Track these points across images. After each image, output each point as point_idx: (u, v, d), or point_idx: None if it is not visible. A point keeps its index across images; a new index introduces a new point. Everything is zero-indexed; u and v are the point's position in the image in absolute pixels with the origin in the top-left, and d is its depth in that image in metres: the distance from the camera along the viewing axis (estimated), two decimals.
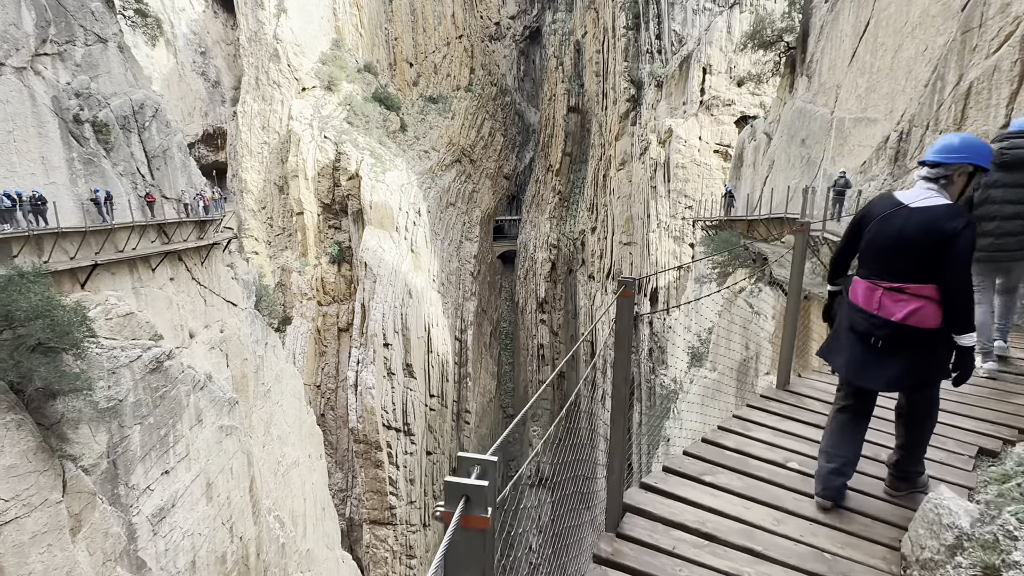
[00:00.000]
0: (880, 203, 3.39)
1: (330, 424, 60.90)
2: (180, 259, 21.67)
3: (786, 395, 5.06)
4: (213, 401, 21.71)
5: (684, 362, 27.53)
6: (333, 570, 35.96)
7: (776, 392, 5.13)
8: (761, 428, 4.37)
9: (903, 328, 3.15)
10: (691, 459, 3.98)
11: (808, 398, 5.03)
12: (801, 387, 5.28)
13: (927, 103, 8.88)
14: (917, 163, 5.25)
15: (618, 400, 3.37)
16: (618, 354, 3.35)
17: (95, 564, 15.75)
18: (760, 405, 4.84)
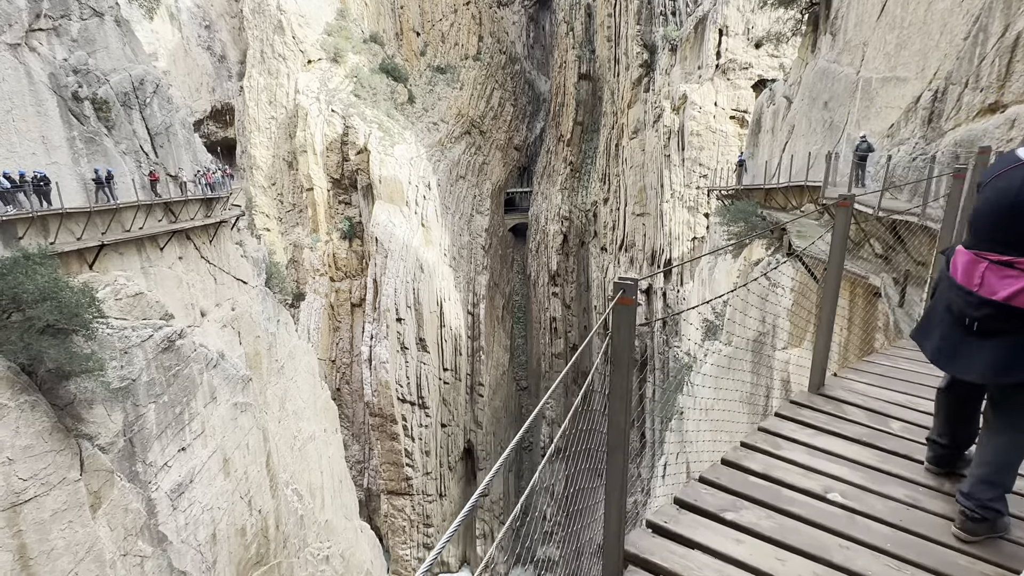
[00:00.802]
0: (999, 160, 2.84)
1: (346, 398, 61.80)
2: (188, 238, 21.56)
3: (821, 401, 4.31)
4: (227, 379, 21.88)
5: (698, 335, 27.14)
6: (352, 540, 36.81)
7: (809, 397, 4.36)
8: (793, 446, 3.64)
9: (1007, 309, 2.61)
10: (708, 489, 3.23)
11: (848, 405, 4.26)
12: (838, 390, 4.51)
13: (966, 58, 8.19)
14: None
15: (616, 434, 2.76)
16: (615, 378, 2.65)
17: (116, 539, 16.11)
18: (790, 414, 4.06)
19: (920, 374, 4.76)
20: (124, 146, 18.63)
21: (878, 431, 3.80)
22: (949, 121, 8.20)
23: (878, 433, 3.78)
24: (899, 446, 3.60)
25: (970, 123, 7.61)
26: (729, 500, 3.12)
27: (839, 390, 4.51)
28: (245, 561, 22.52)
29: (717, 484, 3.25)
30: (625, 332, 2.56)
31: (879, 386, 4.54)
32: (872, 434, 3.76)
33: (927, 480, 3.25)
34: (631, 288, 2.51)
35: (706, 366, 22.03)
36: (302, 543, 28.58)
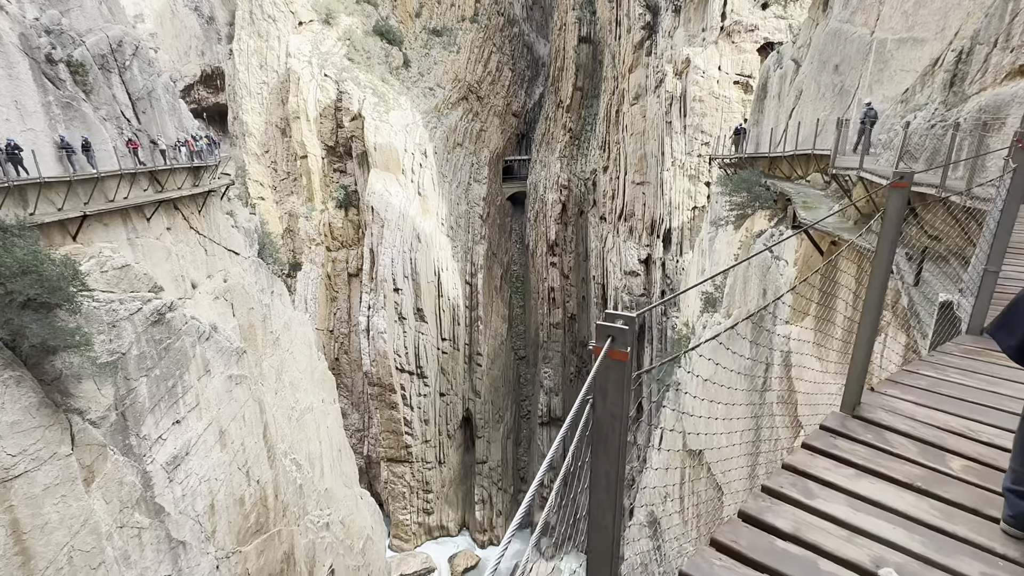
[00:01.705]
0: None
1: (344, 368, 62.01)
2: (176, 208, 20.99)
3: (860, 427, 3.42)
4: (220, 351, 21.65)
5: (697, 307, 26.87)
6: (352, 506, 37.35)
7: (844, 421, 3.50)
8: (830, 493, 2.81)
9: None
10: (724, 560, 2.43)
11: (894, 433, 3.34)
12: (879, 411, 3.61)
13: (996, 14, 7.59)
14: None
15: (600, 541, 2.11)
16: (599, 465, 1.98)
17: (112, 512, 16.12)
18: (823, 446, 3.21)
19: (981, 390, 3.89)
20: (104, 112, 17.88)
21: (935, 472, 2.98)
22: (974, 85, 7.65)
23: (936, 475, 2.94)
24: (965, 495, 2.78)
25: (998, 87, 7.09)
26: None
27: (880, 411, 3.62)
28: (244, 530, 22.74)
29: (735, 551, 2.45)
30: (614, 399, 1.92)
31: (929, 406, 3.69)
32: (928, 477, 2.93)
33: (1007, 548, 2.42)
34: (624, 336, 1.81)
35: (704, 338, 21.86)
36: (302, 511, 28.92)
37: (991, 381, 4.05)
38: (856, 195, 10.95)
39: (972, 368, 4.29)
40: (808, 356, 11.94)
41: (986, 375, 4.16)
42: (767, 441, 15.14)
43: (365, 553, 37.27)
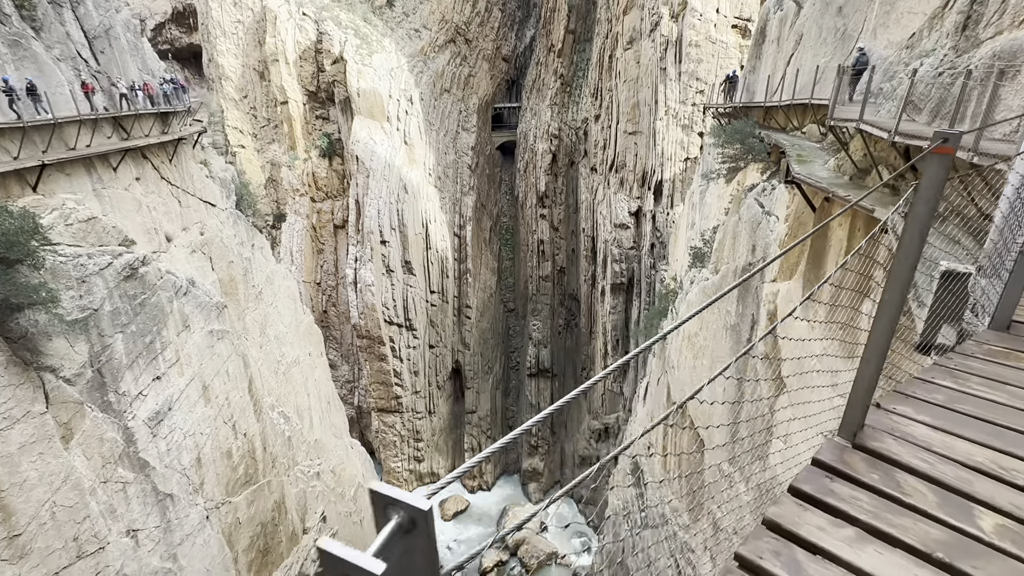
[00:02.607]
0: None
1: (333, 320, 61.86)
2: (144, 157, 19.98)
3: (863, 464, 2.63)
4: (199, 306, 21.18)
5: (685, 261, 26.60)
6: (342, 456, 38.01)
7: (843, 455, 2.70)
8: (823, 569, 2.11)
9: None
10: None
11: (909, 473, 2.58)
12: (888, 439, 2.83)
13: None
14: None
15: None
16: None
17: (94, 468, 16.05)
18: (814, 491, 2.46)
19: (1012, 408, 3.12)
20: (57, 51, 16.61)
21: (961, 534, 2.22)
22: (989, 28, 7.05)
23: (962, 540, 2.19)
24: (1003, 573, 2.05)
25: (1016, 29, 6.53)
26: None
27: (888, 438, 2.81)
28: (233, 481, 22.98)
29: None
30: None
31: (949, 431, 2.89)
32: (952, 542, 2.16)
33: None
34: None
35: (691, 294, 21.66)
36: (291, 462, 29.31)
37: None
38: (853, 148, 10.45)
39: (1001, 376, 3.44)
40: (795, 316, 11.77)
41: (1018, 387, 3.32)
42: (749, 397, 15.21)
43: (357, 500, 38.22)
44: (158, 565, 18.28)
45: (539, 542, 52.97)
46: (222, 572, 21.87)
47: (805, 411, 11.97)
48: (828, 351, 10.20)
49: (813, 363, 10.96)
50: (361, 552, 0.95)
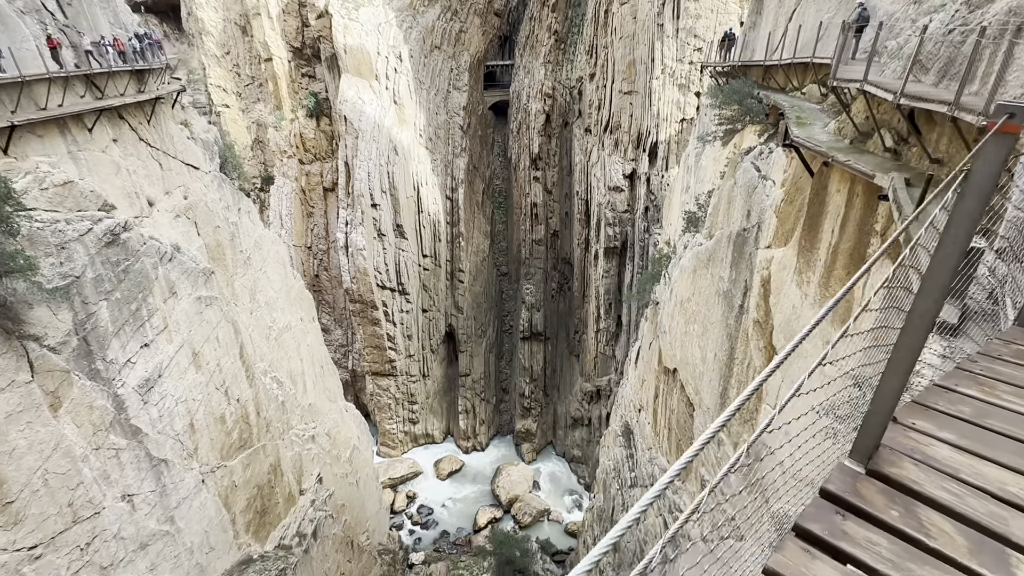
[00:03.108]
0: None
1: (325, 284, 61.53)
2: (121, 117, 19.20)
3: (879, 495, 2.24)
4: (186, 272, 20.82)
5: (680, 225, 26.33)
6: (337, 419, 38.38)
7: (856, 483, 2.32)
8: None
9: None
10: None
11: (931, 508, 2.20)
12: (906, 463, 2.42)
13: None
14: None
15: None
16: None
17: (85, 435, 16.03)
18: (823, 533, 2.11)
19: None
20: (21, 3, 15.66)
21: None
22: None
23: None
24: None
25: None
26: None
27: (907, 463, 2.37)
28: (228, 446, 23.15)
29: None
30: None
31: (978, 453, 2.43)
32: None
33: None
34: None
35: (684, 259, 21.49)
36: (286, 426, 29.54)
37: None
38: (855, 110, 10.09)
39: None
40: (789, 283, 11.62)
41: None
42: (740, 363, 15.26)
43: (352, 461, 38.82)
44: (155, 528, 18.54)
45: (532, 500, 54.42)
46: (220, 533, 22.28)
47: (793, 375, 11.99)
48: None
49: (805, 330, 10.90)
50: None
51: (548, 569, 41.93)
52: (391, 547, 43.75)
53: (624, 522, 1.42)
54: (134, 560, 17.46)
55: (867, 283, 8.88)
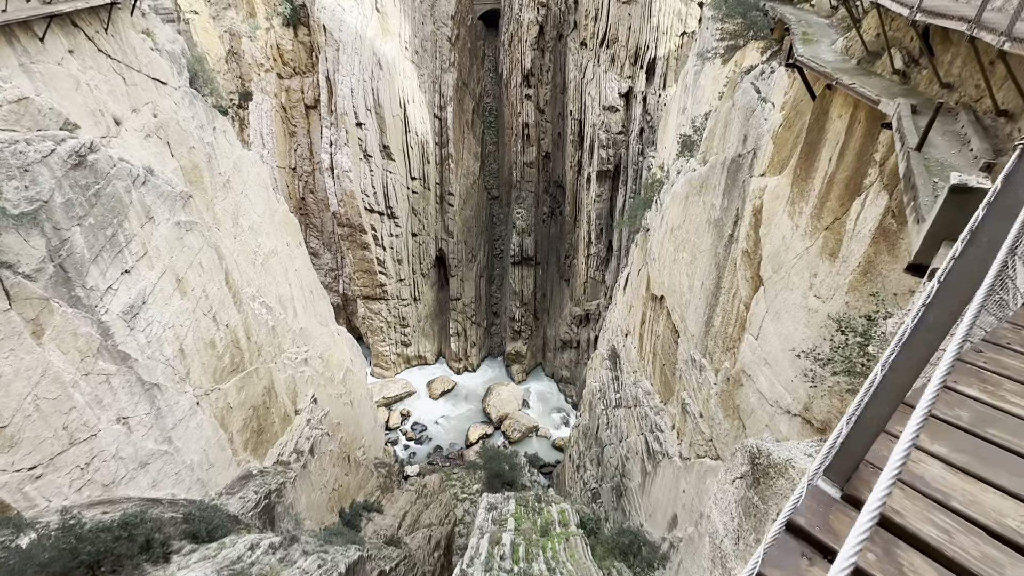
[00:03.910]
0: None
1: (312, 208, 60.27)
2: (75, 25, 17.66)
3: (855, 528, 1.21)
4: (161, 196, 20.07)
5: (675, 149, 25.48)
6: (329, 343, 38.94)
7: (828, 512, 1.89)
8: None
9: None
10: None
11: (918, 553, 1.73)
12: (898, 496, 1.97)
13: None
14: None
15: None
16: None
17: (72, 362, 16.05)
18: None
19: None
20: None
21: None
22: None
23: None
24: None
25: None
26: None
27: (894, 489, 1.70)
28: (220, 370, 23.46)
29: None
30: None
31: (978, 475, 2.03)
32: None
33: None
34: None
35: (677, 185, 20.97)
36: (278, 350, 29.91)
37: None
38: (866, 26, 9.35)
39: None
40: (780, 214, 11.33)
41: None
42: (726, 292, 15.28)
43: (346, 382, 39.85)
44: (154, 448, 19.12)
45: (521, 417, 56.81)
46: (218, 451, 23.09)
47: (778, 306, 11.96)
48: (810, 251, 9.96)
49: (792, 262, 10.77)
50: None
51: (535, 480, 44.47)
52: (387, 461, 45.98)
53: None
54: (135, 477, 18.13)
55: (860, 215, 8.63)
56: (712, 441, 15.22)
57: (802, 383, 8.78)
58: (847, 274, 8.60)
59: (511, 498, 21.00)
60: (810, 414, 9.49)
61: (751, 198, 13.21)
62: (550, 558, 15.65)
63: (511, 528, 18.03)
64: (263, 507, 23.38)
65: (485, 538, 17.16)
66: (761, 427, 10.96)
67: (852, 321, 5.90)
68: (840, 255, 8.98)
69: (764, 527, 5.64)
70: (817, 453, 6.64)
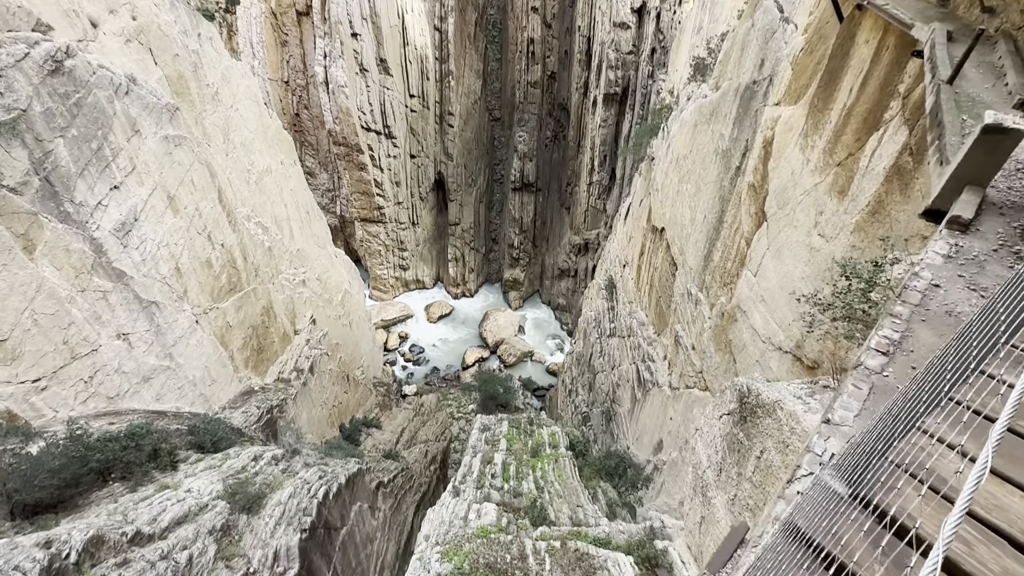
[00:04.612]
0: None
1: (307, 124, 58.19)
2: None
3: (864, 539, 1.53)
4: (147, 108, 19.18)
5: (687, 73, 24.16)
6: (327, 264, 38.91)
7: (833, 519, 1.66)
8: None
9: None
10: None
11: None
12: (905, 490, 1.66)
13: None
14: None
15: None
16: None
17: (67, 278, 15.99)
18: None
19: None
20: None
21: None
22: None
23: None
24: None
25: None
26: None
27: (908, 489, 1.62)
28: (217, 289, 23.52)
29: None
30: None
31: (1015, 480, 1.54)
32: None
33: None
34: None
35: (686, 112, 20.04)
36: (275, 271, 29.90)
37: None
38: None
39: None
40: (792, 147, 10.84)
41: None
42: (728, 226, 15.01)
43: (344, 304, 40.24)
44: (155, 363, 19.51)
45: (517, 342, 58.04)
46: (220, 368, 23.64)
47: (780, 244, 11.77)
48: (818, 188, 9.62)
49: (799, 198, 10.45)
50: None
51: (528, 403, 46.10)
52: (385, 380, 47.44)
53: None
54: (139, 391, 18.64)
55: (875, 152, 8.24)
56: (702, 373, 15.54)
57: (798, 325, 8.76)
58: (855, 213, 8.34)
59: (504, 420, 21.78)
60: (801, 351, 9.58)
61: (763, 129, 12.62)
62: (539, 477, 16.46)
63: (503, 448, 18.82)
64: (265, 421, 24.29)
65: (478, 457, 17.95)
66: (752, 363, 11.12)
67: (858, 267, 5.75)
68: (850, 193, 8.68)
69: (747, 463, 5.81)
70: (806, 395, 6.73)
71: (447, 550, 10.27)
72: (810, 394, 5.60)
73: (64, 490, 12.41)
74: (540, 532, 11.60)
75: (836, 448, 2.31)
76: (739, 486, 6.03)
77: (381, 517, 23.85)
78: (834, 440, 2.35)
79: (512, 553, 10.18)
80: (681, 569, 8.75)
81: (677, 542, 10.03)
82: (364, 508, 21.63)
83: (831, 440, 2.38)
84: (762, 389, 5.83)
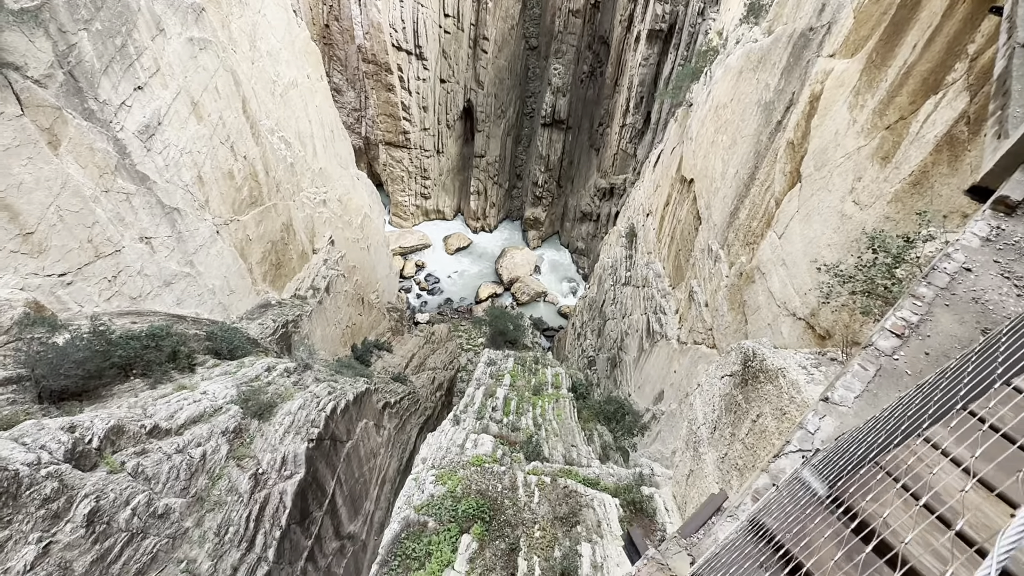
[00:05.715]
0: None
1: (336, 37, 56.19)
2: None
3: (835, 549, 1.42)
4: (172, 6, 18.57)
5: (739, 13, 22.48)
6: (349, 186, 38.71)
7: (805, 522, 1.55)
8: None
9: None
10: None
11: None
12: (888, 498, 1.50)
13: None
14: None
15: None
16: None
17: (91, 177, 16.12)
18: None
19: None
20: None
21: None
22: None
23: None
24: None
25: None
26: None
27: (892, 497, 1.48)
28: (239, 201, 23.64)
29: None
30: None
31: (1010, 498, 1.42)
32: None
33: None
34: None
35: (732, 57, 18.81)
36: (296, 188, 29.84)
37: None
38: None
39: None
40: (840, 104, 10.15)
41: None
42: (760, 184, 14.43)
43: (363, 228, 40.36)
44: (176, 269, 19.98)
45: (531, 282, 58.24)
46: (239, 279, 24.16)
47: (811, 207, 11.31)
48: (861, 151, 9.08)
49: (839, 161, 9.92)
50: None
51: (536, 342, 46.80)
52: (399, 306, 48.29)
53: None
54: (160, 295, 19.21)
55: (929, 118, 7.69)
56: (712, 331, 15.47)
57: (815, 293, 8.53)
58: (895, 182, 7.90)
59: (510, 356, 22.17)
60: (815, 320, 9.41)
61: (812, 82, 11.81)
62: (538, 415, 16.93)
63: (506, 384, 19.29)
64: (280, 335, 25.06)
65: (481, 390, 18.45)
66: (763, 325, 10.99)
67: (887, 241, 5.45)
68: (894, 160, 8.18)
69: (742, 425, 5.84)
70: (812, 366, 6.66)
71: (442, 474, 10.74)
72: (816, 365, 5.52)
73: (88, 380, 13.09)
74: (533, 467, 12.04)
75: (830, 429, 2.26)
76: (731, 446, 6.10)
77: (386, 435, 24.98)
78: (829, 419, 2.30)
79: (504, 483, 10.63)
80: (664, 516, 9.09)
81: (664, 490, 10.37)
82: (370, 425, 22.62)
83: (826, 419, 2.33)
84: (767, 355, 5.75)
